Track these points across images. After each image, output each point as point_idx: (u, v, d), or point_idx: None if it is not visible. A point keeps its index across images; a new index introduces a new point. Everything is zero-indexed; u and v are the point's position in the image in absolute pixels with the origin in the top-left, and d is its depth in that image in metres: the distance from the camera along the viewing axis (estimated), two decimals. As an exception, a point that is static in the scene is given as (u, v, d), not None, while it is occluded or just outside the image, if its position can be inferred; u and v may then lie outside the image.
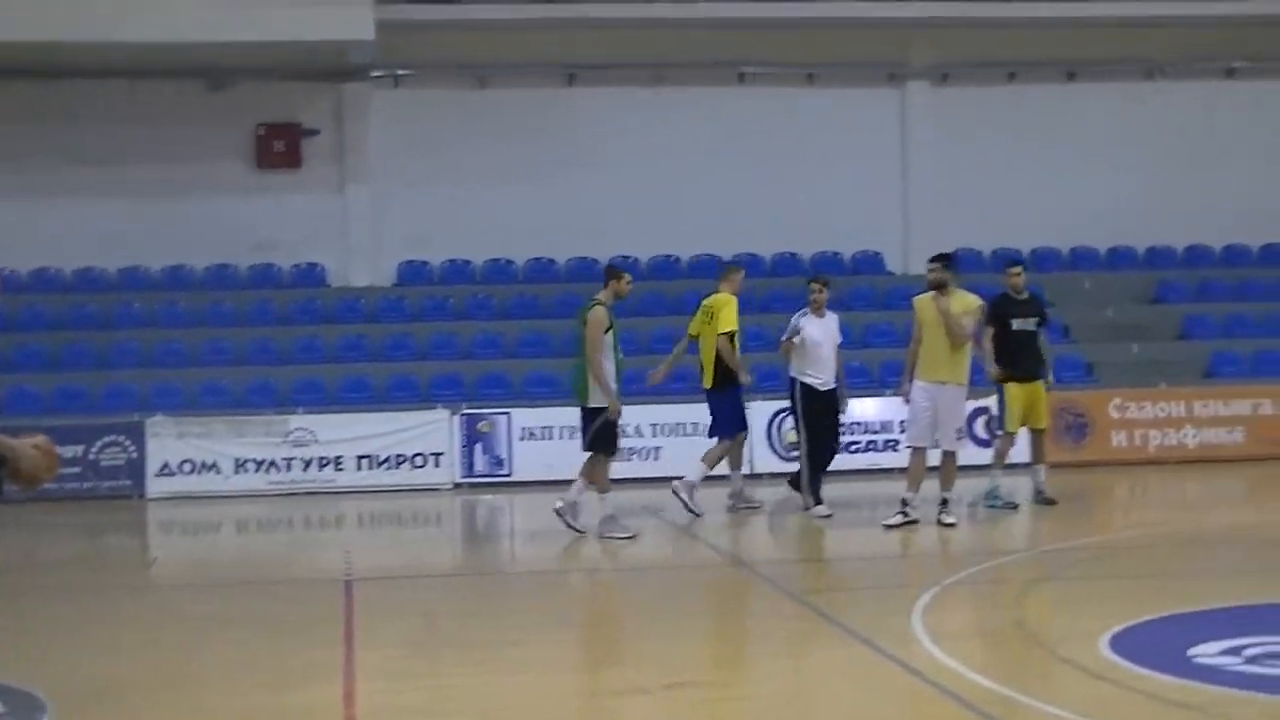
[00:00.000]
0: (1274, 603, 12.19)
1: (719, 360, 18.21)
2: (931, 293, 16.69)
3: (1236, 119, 27.87)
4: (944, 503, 16.75)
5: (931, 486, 16.76)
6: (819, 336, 17.63)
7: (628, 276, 16.89)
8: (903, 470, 17.44)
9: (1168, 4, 27.34)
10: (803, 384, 17.68)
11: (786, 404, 22.55)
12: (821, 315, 17.77)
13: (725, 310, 18.37)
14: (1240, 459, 23.17)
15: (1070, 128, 27.54)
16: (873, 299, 25.99)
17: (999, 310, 18.23)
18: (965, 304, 16.62)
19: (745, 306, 25.58)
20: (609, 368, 16.30)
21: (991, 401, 19.61)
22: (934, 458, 16.83)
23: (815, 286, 17.93)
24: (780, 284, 26.41)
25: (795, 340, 17.64)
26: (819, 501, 17.67)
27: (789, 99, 27.09)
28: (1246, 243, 27.96)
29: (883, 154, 27.25)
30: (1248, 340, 25.91)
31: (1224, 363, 25.30)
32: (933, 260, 16.89)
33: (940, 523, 16.61)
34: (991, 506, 18.12)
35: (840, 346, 17.99)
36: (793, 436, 22.70)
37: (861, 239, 27.00)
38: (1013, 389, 18.27)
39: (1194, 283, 27.35)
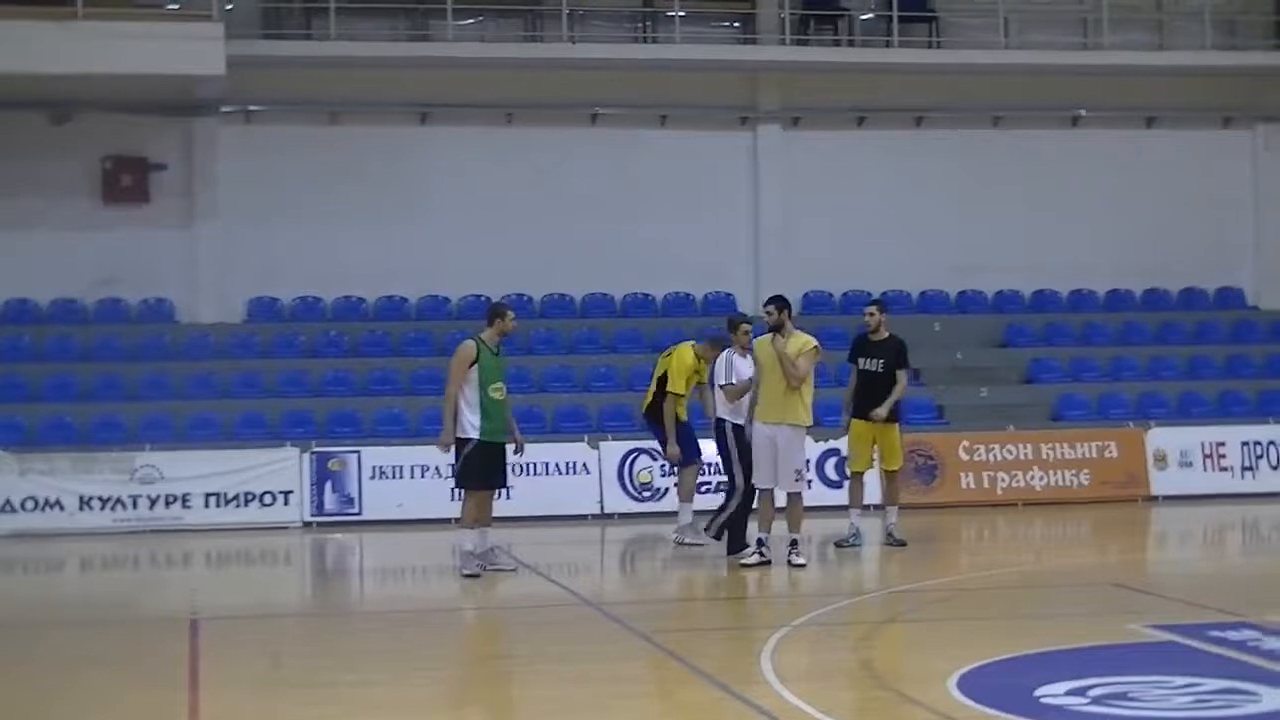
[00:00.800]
0: (1118, 644, 12.35)
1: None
2: (769, 335, 16.75)
3: (1081, 166, 28.25)
4: (793, 544, 16.77)
5: (782, 526, 16.84)
6: (747, 375, 17.17)
7: (511, 314, 16.89)
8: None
9: (1012, 53, 27.72)
10: (733, 425, 17.25)
11: (638, 445, 22.82)
12: (745, 355, 17.32)
13: (675, 371, 18.53)
14: (1085, 501, 23.45)
15: (919, 172, 27.81)
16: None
17: (852, 349, 18.39)
18: (800, 345, 16.60)
19: (596, 347, 25.93)
20: (474, 401, 16.28)
21: (843, 443, 19.68)
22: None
23: (745, 327, 17.58)
24: (630, 324, 26.53)
25: (734, 381, 17.19)
26: (745, 545, 17.22)
27: (641, 140, 27.14)
28: (1092, 288, 28.36)
29: (734, 196, 27.35)
30: (1093, 384, 26.28)
31: (1069, 406, 25.64)
32: (768, 303, 16.86)
33: (790, 564, 16.64)
34: (839, 545, 18.19)
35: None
36: (645, 477, 22.79)
37: (713, 280, 27.08)
38: (857, 426, 18.32)
39: (1040, 327, 27.69)
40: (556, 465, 22.87)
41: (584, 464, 22.93)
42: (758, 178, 27.43)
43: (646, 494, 22.82)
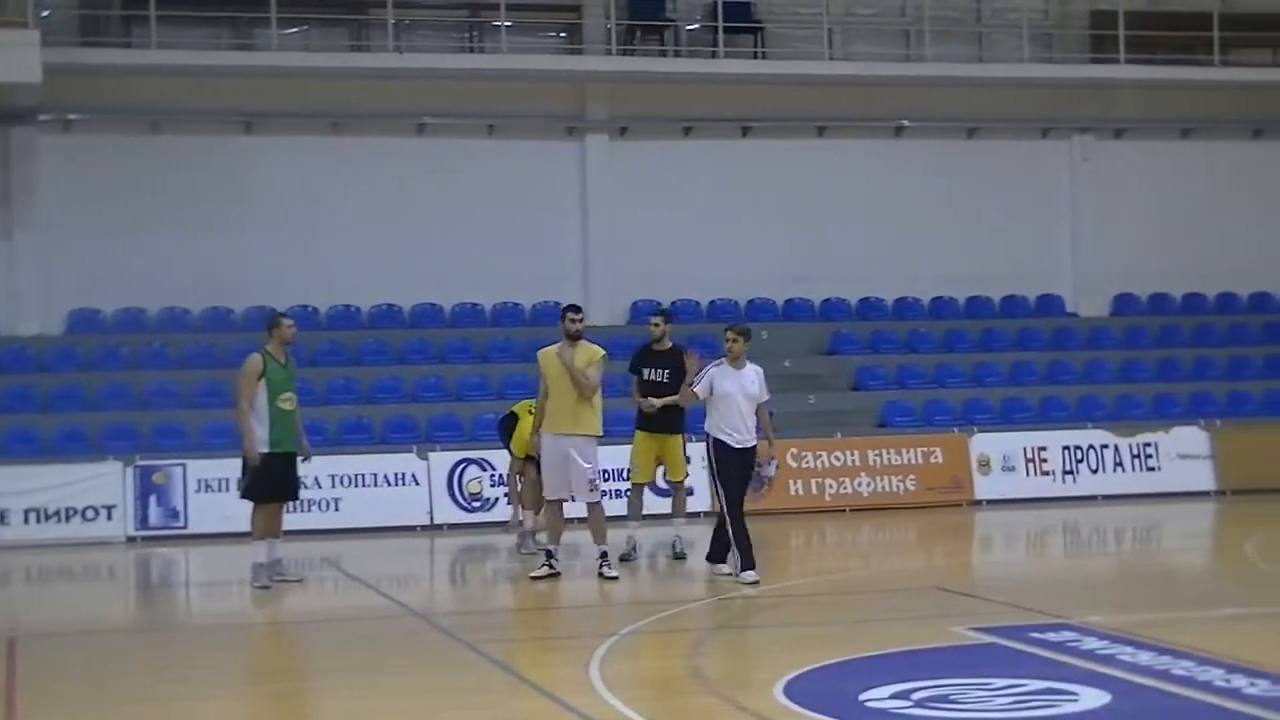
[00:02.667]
0: (941, 646, 12.51)
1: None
2: (556, 345, 16.71)
3: (905, 175, 28.61)
4: (603, 556, 16.71)
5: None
6: (729, 389, 16.14)
7: (288, 321, 16.78)
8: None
9: (836, 64, 28.04)
10: (715, 440, 16.21)
11: (467, 455, 22.77)
12: (739, 367, 16.32)
13: (519, 438, 18.55)
14: (911, 506, 23.75)
15: (746, 181, 28.00)
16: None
17: (635, 360, 18.18)
18: (589, 355, 16.57)
19: (425, 358, 25.81)
20: (263, 413, 16.24)
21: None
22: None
23: (730, 336, 16.40)
24: (460, 334, 26.45)
25: (696, 390, 16.27)
26: (750, 566, 16.10)
27: (469, 150, 27.06)
28: (917, 296, 28.73)
29: (562, 205, 27.33)
30: (918, 391, 26.62)
31: (896, 413, 25.93)
32: (573, 310, 16.83)
33: (602, 576, 16.62)
34: (622, 559, 17.82)
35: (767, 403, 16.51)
36: (475, 487, 22.74)
37: (543, 290, 27.06)
38: (640, 439, 18.10)
39: (867, 335, 27.99)
40: (385, 476, 22.75)
41: (413, 475, 22.82)
42: (585, 188, 27.47)
43: (476, 504, 22.76)
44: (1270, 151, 30.19)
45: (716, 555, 16.63)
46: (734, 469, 16.14)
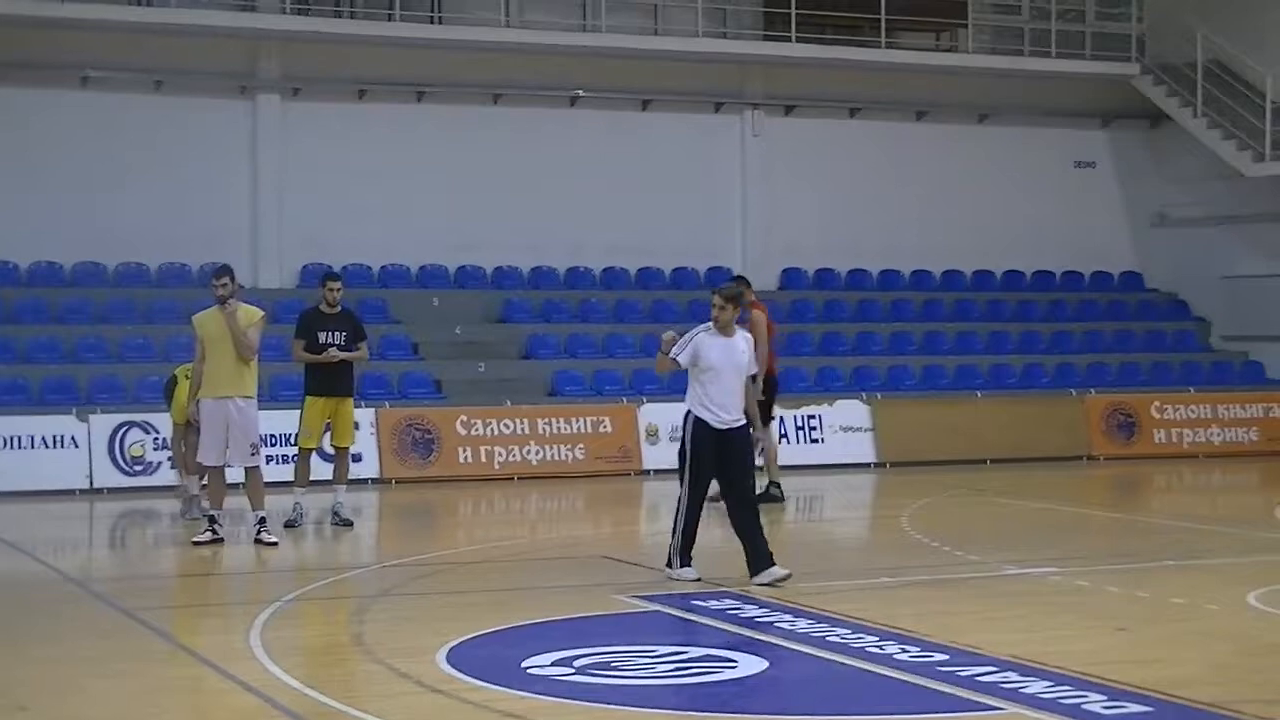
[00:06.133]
0: (605, 614, 12.60)
1: None
2: (213, 308, 16.42)
3: (579, 145, 28.64)
4: (261, 521, 16.52)
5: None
6: (717, 361, 13.89)
7: None
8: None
9: (512, 31, 27.95)
10: (695, 419, 14.00)
11: (129, 418, 22.22)
12: (729, 334, 14.00)
13: (178, 404, 18.14)
14: (580, 475, 23.90)
15: (420, 147, 27.78)
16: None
17: (307, 323, 17.96)
18: (249, 317, 16.36)
19: (85, 317, 25.08)
20: None
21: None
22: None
23: (716, 302, 14.00)
24: (123, 293, 25.83)
25: (680, 358, 13.99)
26: (686, 563, 14.08)
27: (134, 105, 26.21)
28: (588, 266, 28.86)
29: (232, 166, 26.81)
30: (589, 360, 26.76)
31: (566, 382, 26.02)
32: (219, 274, 16.42)
33: (261, 542, 16.40)
34: (287, 526, 17.66)
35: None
36: (137, 451, 22.20)
37: (210, 251, 26.26)
38: (313, 403, 17.90)
39: (539, 303, 28.04)
40: (42, 439, 22.13)
41: (72, 437, 22.22)
42: (256, 148, 26.98)
43: (139, 468, 22.25)
44: (933, 133, 31.07)
45: (756, 567, 13.89)
46: (708, 455, 13.98)
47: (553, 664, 10.47)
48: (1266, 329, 30.13)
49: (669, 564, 14.12)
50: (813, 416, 25.69)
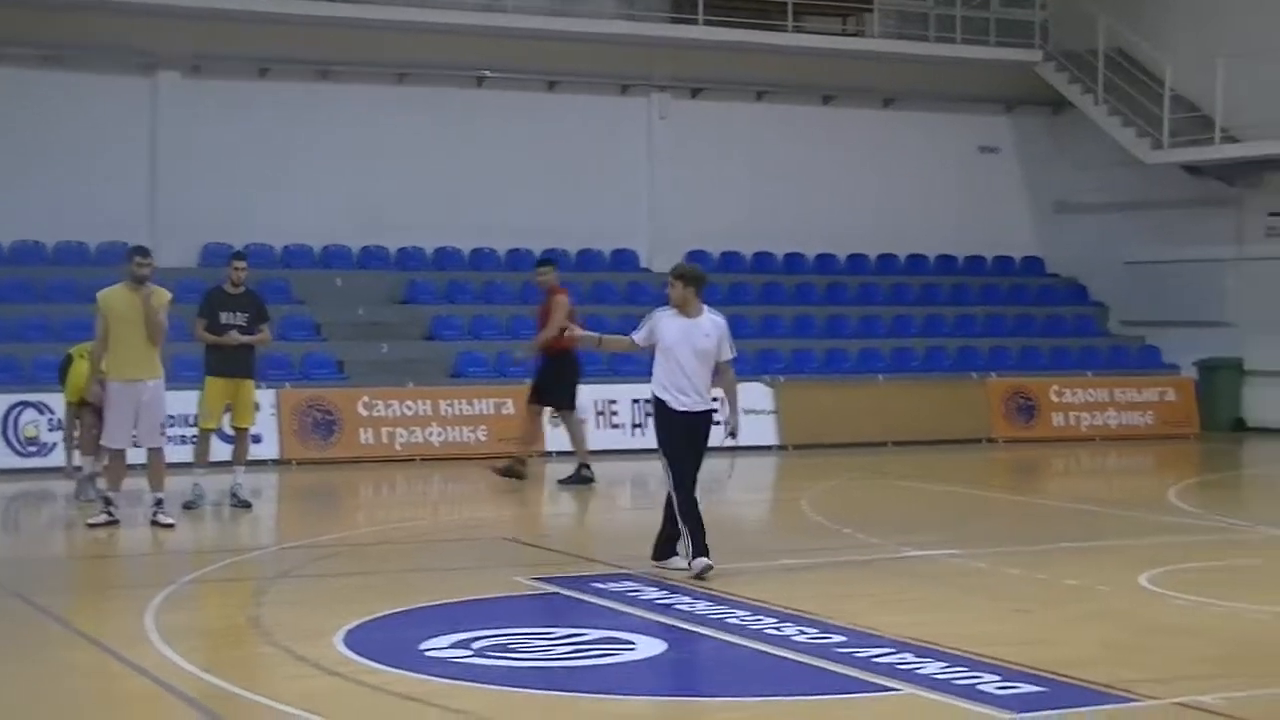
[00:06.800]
0: (504, 596, 12.58)
1: None
2: (120, 286, 16.20)
3: (486, 126, 28.53)
4: (159, 503, 16.38)
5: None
6: (673, 340, 13.50)
7: None
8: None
9: (417, 10, 27.63)
10: (657, 400, 13.56)
11: (23, 398, 21.96)
12: (692, 315, 13.62)
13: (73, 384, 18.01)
14: (483, 456, 23.73)
15: (323, 126, 27.61)
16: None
17: (211, 303, 17.83)
18: (161, 298, 16.18)
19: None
20: None
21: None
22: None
23: (670, 281, 13.78)
24: (19, 272, 25.42)
25: (636, 337, 13.64)
26: (701, 553, 13.22)
27: (27, 82, 25.93)
28: (493, 247, 28.76)
29: (132, 143, 26.49)
30: (492, 342, 26.65)
31: (470, 363, 25.93)
32: (141, 253, 16.21)
33: (158, 524, 16.25)
34: (186, 507, 17.46)
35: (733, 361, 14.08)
36: (31, 431, 21.94)
37: (109, 230, 26.04)
38: (213, 384, 17.74)
39: (443, 285, 27.93)
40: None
41: (-36, 417, 21.94)
42: (156, 126, 26.70)
43: (33, 449, 21.98)
44: (839, 117, 31.21)
45: (662, 552, 13.66)
46: (677, 437, 13.44)
47: (451, 646, 10.44)
48: (1164, 314, 30.48)
49: (655, 555, 13.57)
50: (715, 399, 25.58)
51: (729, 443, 14.14)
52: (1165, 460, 25.52)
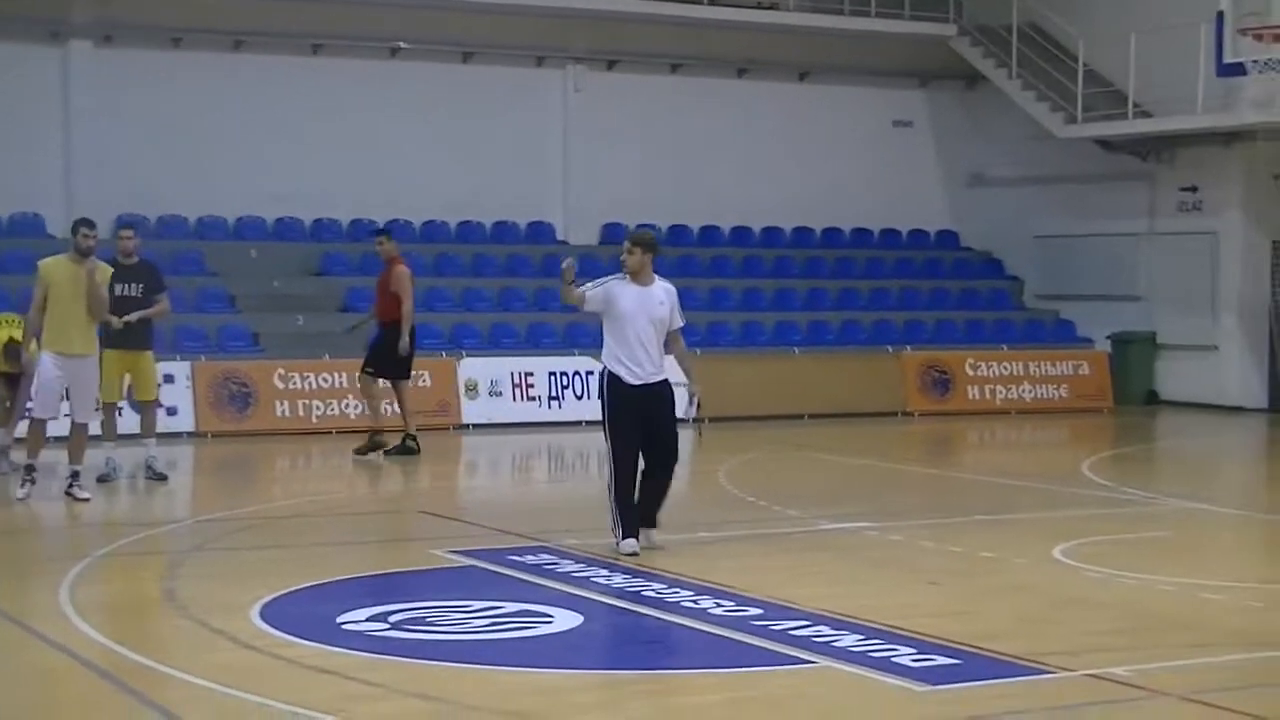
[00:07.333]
0: (421, 569, 12.58)
1: None
2: (64, 256, 16.05)
3: (401, 98, 28.37)
4: (74, 475, 16.25)
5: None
6: (628, 308, 13.13)
7: None
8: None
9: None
10: (610, 375, 13.17)
11: None
12: (645, 283, 13.24)
13: None
14: (397, 429, 23.66)
15: (236, 97, 27.32)
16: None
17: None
18: (105, 273, 16.11)
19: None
20: None
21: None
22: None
23: (626, 246, 13.27)
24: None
25: (586, 294, 13.16)
26: (629, 534, 13.09)
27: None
28: (409, 219, 28.62)
29: (44, 114, 26.23)
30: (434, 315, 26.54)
31: (383, 335, 25.78)
32: (87, 225, 16.06)
33: (73, 497, 16.13)
34: (99, 481, 17.29)
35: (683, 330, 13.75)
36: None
37: (22, 201, 25.82)
38: (109, 357, 17.36)
39: (357, 257, 27.74)
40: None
41: (-124, 391, 21.61)
42: (67, 96, 26.31)
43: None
44: (754, 90, 31.24)
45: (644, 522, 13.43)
46: (627, 415, 13.13)
47: (368, 619, 10.44)
48: (1077, 288, 30.75)
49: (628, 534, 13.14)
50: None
51: (693, 412, 13.94)
52: (1079, 433, 25.74)
